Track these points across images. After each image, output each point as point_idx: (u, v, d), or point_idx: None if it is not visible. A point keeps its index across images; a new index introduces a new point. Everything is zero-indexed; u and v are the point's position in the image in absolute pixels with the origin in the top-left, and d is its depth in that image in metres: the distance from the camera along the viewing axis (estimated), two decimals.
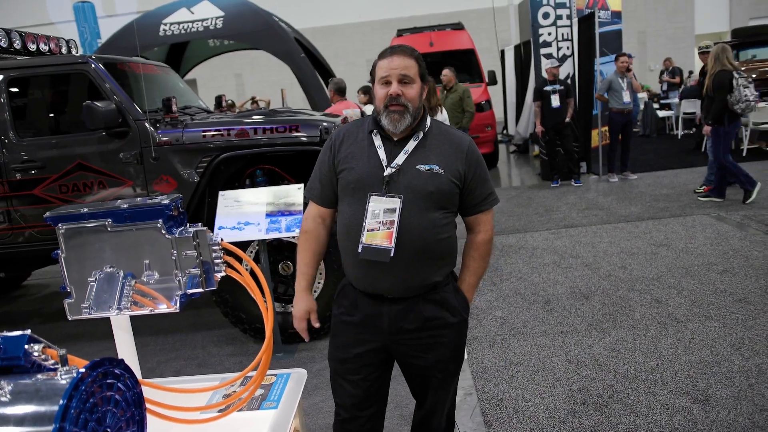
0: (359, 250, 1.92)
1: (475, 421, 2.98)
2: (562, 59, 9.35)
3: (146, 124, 4.07)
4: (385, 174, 1.93)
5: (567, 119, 8.59)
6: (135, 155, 4.08)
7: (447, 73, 8.13)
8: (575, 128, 8.98)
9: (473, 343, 3.85)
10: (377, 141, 1.99)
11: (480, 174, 2.03)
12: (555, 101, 8.52)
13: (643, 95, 14.23)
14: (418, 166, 1.93)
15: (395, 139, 1.98)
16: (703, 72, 8.02)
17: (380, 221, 1.91)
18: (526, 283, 4.90)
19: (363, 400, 2.11)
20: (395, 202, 1.91)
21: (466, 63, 11.05)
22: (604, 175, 9.09)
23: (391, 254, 1.89)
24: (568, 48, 9.46)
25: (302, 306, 2.12)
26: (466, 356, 3.64)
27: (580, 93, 9.52)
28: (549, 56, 9.25)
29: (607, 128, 8.94)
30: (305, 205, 3.71)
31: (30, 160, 4.15)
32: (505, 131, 14.68)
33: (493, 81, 11.55)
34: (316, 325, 2.13)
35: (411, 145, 1.97)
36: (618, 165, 8.88)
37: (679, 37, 21.71)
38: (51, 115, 4.73)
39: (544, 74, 8.85)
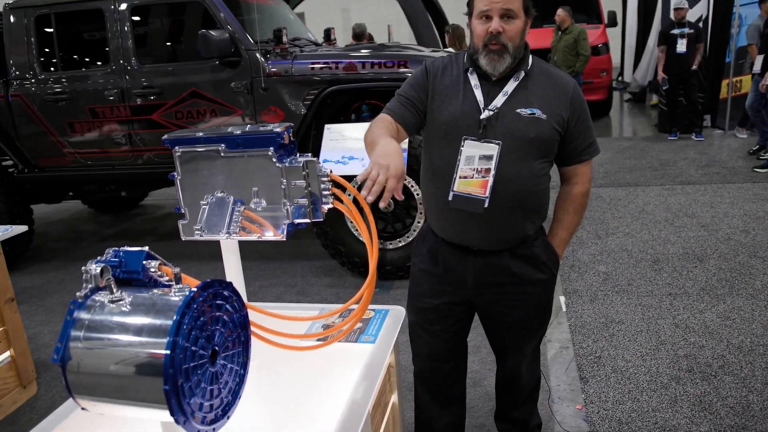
0: (449, 198, 1.80)
1: (570, 375, 2.90)
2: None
3: (257, 55, 4.11)
4: (482, 117, 1.77)
5: (694, 67, 7.89)
6: (245, 85, 4.15)
7: (561, 13, 7.65)
8: (702, 77, 8.24)
9: (573, 296, 3.72)
10: (474, 80, 1.82)
11: (583, 121, 1.84)
12: (681, 46, 7.82)
13: None
14: (518, 110, 1.77)
15: (494, 78, 1.80)
16: None
17: (475, 168, 1.77)
18: (634, 239, 4.64)
19: (444, 351, 2.07)
20: (493, 149, 1.76)
21: (583, 1, 10.33)
22: (730, 130, 8.34)
23: (486, 204, 1.76)
24: None
25: (399, 159, 1.53)
26: (564, 308, 3.55)
27: (712, 38, 8.66)
28: None
29: (740, 78, 8.14)
30: (409, 143, 3.68)
31: (149, 87, 4.33)
32: (620, 78, 13.76)
33: (613, 22, 10.76)
34: (401, 196, 1.53)
35: (511, 86, 1.80)
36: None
37: None
38: (168, 43, 4.89)
39: (672, 15, 8.11)
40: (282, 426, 1.46)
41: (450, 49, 6.17)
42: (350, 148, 3.58)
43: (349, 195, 1.58)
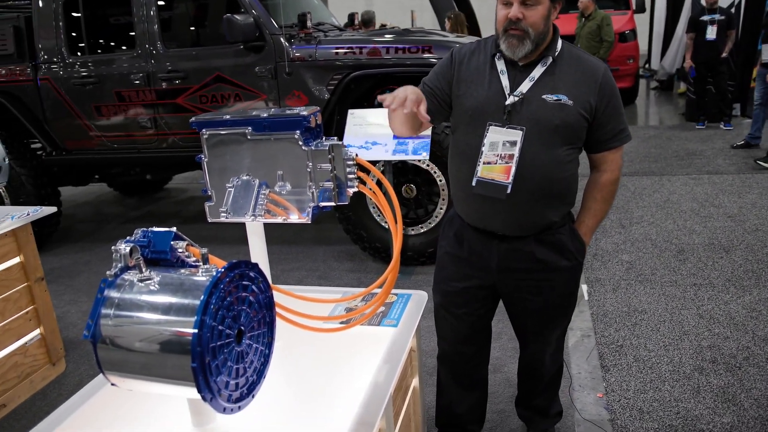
0: (473, 184, 1.80)
1: (591, 364, 2.89)
2: None
3: (281, 39, 4.11)
4: (507, 103, 1.76)
5: (724, 54, 7.72)
6: (269, 69, 4.16)
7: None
8: (732, 65, 8.07)
9: (596, 285, 3.70)
10: (500, 65, 1.81)
11: (613, 107, 1.81)
12: (711, 33, 7.65)
13: None
14: (544, 96, 1.75)
15: (521, 64, 1.78)
16: None
17: (498, 154, 1.77)
18: (659, 228, 4.59)
19: (468, 335, 2.08)
20: (516, 135, 1.75)
21: None
22: None
23: (508, 191, 1.76)
24: None
25: (419, 92, 1.71)
26: (586, 297, 3.53)
27: (744, 24, 8.46)
28: None
29: None
30: (432, 129, 3.67)
31: (174, 71, 4.36)
32: (647, 65, 13.52)
33: (641, 8, 10.56)
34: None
35: (538, 71, 1.77)
36: None
37: None
38: (193, 27, 4.92)
39: (703, 1, 7.93)
40: (305, 406, 1.48)
41: (471, 37, 6.13)
42: (373, 133, 3.58)
43: (374, 178, 1.59)
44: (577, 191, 1.91)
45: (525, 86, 1.77)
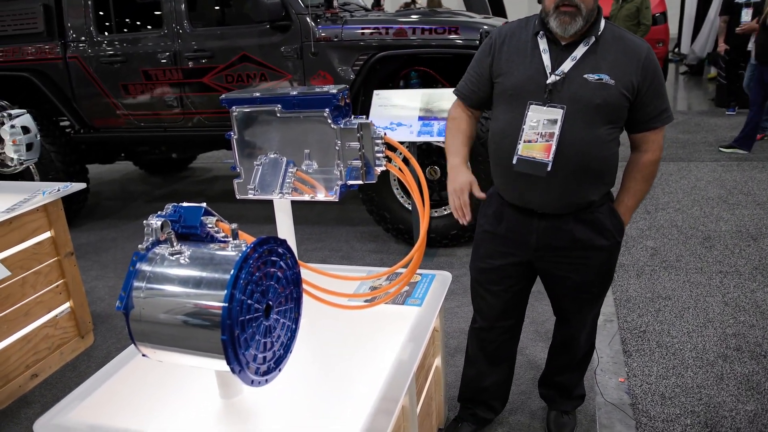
0: (513, 162, 1.82)
1: (614, 348, 2.88)
2: None
3: (307, 19, 4.10)
4: (548, 82, 1.77)
5: None
6: (295, 49, 4.16)
7: None
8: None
9: (619, 270, 3.67)
10: (542, 44, 1.81)
11: (655, 87, 1.80)
12: (746, 16, 7.43)
13: None
14: (585, 75, 1.75)
15: (563, 43, 1.79)
16: None
17: (539, 133, 1.78)
18: (685, 215, 4.52)
19: (502, 311, 2.10)
20: (557, 113, 1.76)
21: None
22: None
23: (548, 169, 1.77)
24: None
25: (462, 178, 1.93)
26: None
27: None
28: None
29: None
30: None
31: (200, 50, 4.38)
32: (677, 49, 13.23)
33: None
34: (481, 195, 1.93)
35: (580, 50, 1.78)
36: None
37: None
38: (219, 7, 4.93)
39: None
40: (330, 381, 1.50)
41: (498, 19, 6.07)
42: (398, 114, 3.57)
43: (400, 155, 1.59)
44: (617, 171, 1.91)
45: (567, 65, 1.77)
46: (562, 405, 2.31)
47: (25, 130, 2.90)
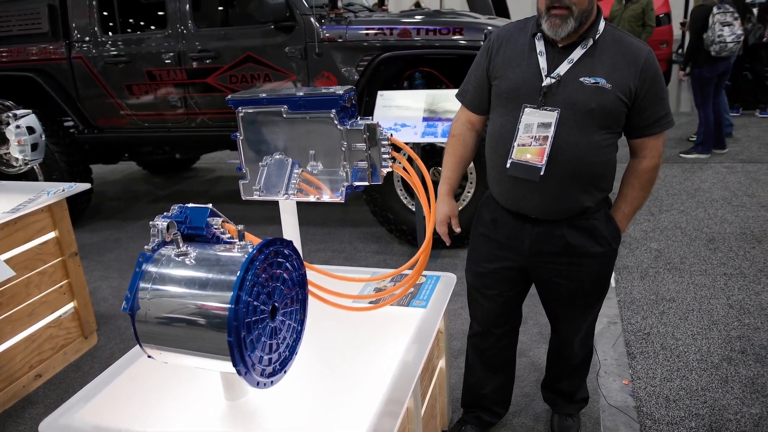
0: (507, 166, 1.79)
1: (618, 350, 2.87)
2: None
3: (312, 20, 4.10)
4: (543, 84, 1.74)
5: (765, 39, 7.49)
6: (299, 50, 4.16)
7: None
8: None
9: (623, 272, 3.66)
10: (539, 46, 1.78)
11: (655, 92, 1.76)
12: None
13: None
14: (582, 78, 1.72)
15: (560, 45, 1.76)
16: None
17: (533, 136, 1.75)
18: (689, 217, 4.51)
19: (497, 315, 2.08)
20: (551, 116, 1.73)
21: None
22: None
23: (541, 173, 1.74)
24: None
25: (444, 210, 2.05)
26: (614, 284, 3.50)
27: None
28: None
29: None
30: None
31: (205, 50, 4.38)
32: (680, 50, 13.20)
33: None
34: (457, 229, 2.07)
35: (577, 53, 1.74)
36: None
37: None
38: (223, 7, 4.93)
39: None
40: (335, 383, 1.50)
41: (503, 19, 6.05)
42: (402, 115, 3.56)
43: (405, 155, 1.58)
44: (614, 177, 1.88)
45: (563, 68, 1.74)
46: (565, 408, 2.30)
47: (30, 130, 2.91)
